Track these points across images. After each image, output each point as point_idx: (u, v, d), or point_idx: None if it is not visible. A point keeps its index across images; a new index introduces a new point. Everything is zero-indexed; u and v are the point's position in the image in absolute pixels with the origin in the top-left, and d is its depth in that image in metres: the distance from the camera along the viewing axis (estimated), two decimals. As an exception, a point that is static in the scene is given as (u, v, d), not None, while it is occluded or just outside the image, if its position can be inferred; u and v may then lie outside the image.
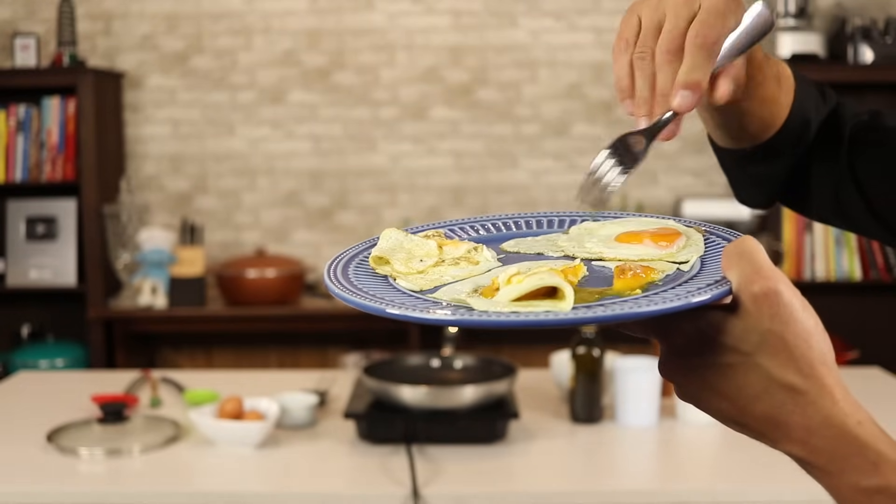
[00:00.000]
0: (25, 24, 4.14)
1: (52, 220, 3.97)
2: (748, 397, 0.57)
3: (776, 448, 0.59)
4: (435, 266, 0.69)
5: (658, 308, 0.55)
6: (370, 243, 0.74)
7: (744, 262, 0.57)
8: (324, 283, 0.68)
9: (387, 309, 0.60)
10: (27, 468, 1.92)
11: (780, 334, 0.56)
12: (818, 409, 0.56)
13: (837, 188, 0.89)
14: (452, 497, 1.79)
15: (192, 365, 4.16)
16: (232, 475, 1.92)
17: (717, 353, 0.58)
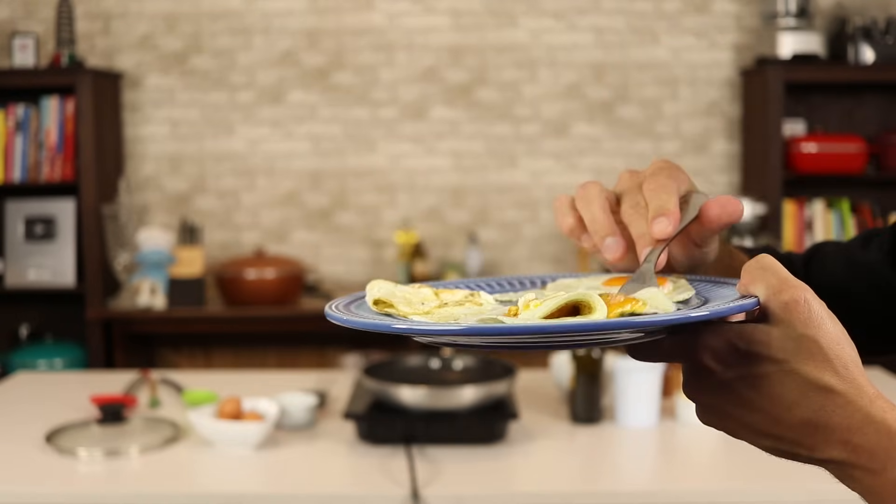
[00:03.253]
0: (24, 23, 4.13)
1: (51, 221, 3.96)
2: (785, 405, 0.58)
3: (813, 456, 0.59)
4: (439, 308, 0.68)
5: (689, 315, 0.56)
6: (359, 295, 0.73)
7: (768, 275, 0.59)
8: (329, 318, 0.66)
9: (428, 327, 0.59)
10: (26, 469, 1.92)
11: (814, 338, 0.57)
12: (858, 408, 0.57)
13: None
14: (452, 497, 1.78)
15: (191, 365, 4.16)
16: (231, 476, 1.92)
17: (750, 364, 0.58)
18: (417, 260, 3.97)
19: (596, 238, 0.74)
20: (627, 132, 4.17)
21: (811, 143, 3.84)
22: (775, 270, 0.59)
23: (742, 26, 4.13)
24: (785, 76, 3.75)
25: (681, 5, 4.14)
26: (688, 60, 4.16)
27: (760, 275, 0.60)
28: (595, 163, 4.16)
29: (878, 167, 3.95)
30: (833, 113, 4.08)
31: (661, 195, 0.72)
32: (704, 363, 0.60)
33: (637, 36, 4.14)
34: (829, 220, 3.94)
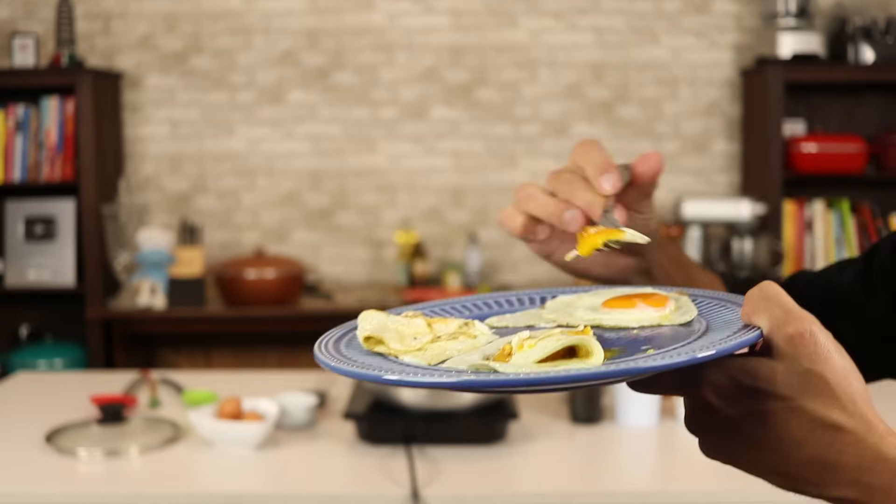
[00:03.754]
0: (24, 23, 4.13)
1: (51, 221, 3.96)
2: (792, 443, 0.56)
3: (823, 494, 0.57)
4: (432, 342, 0.67)
5: (695, 356, 0.54)
6: (351, 326, 0.72)
7: (772, 306, 0.57)
8: (319, 362, 0.64)
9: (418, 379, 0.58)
10: (26, 469, 1.92)
11: (820, 373, 0.55)
12: (868, 446, 0.55)
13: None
14: (452, 497, 1.78)
15: (191, 365, 4.16)
16: (231, 476, 1.92)
17: (755, 400, 0.56)
18: (417, 260, 3.97)
19: (553, 219, 0.76)
20: (627, 132, 4.17)
21: (811, 143, 3.84)
22: (779, 301, 0.57)
23: (742, 26, 4.13)
24: (785, 76, 3.75)
25: (681, 5, 4.14)
26: (688, 60, 4.16)
27: (764, 305, 0.58)
28: (595, 163, 4.16)
29: (878, 167, 3.95)
30: (833, 113, 4.08)
31: (593, 156, 0.75)
32: (706, 399, 0.58)
33: (637, 36, 4.14)
34: (829, 220, 3.94)
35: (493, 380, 0.56)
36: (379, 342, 0.66)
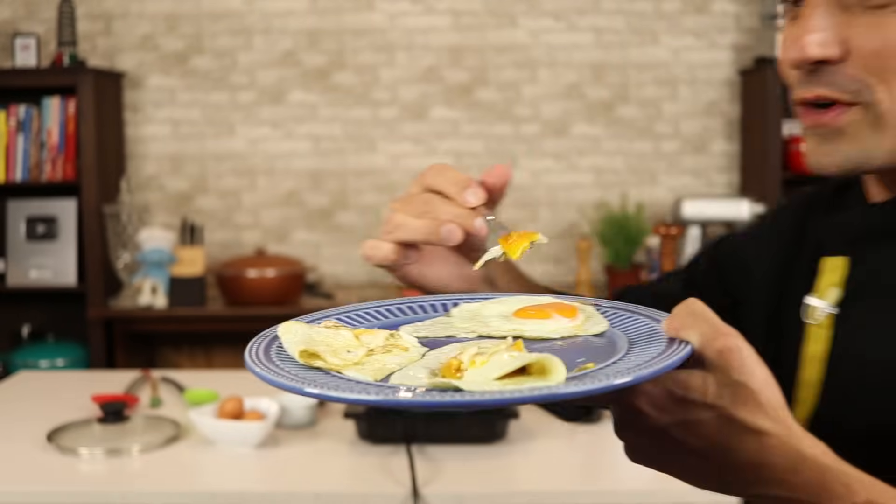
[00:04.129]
0: (26, 24, 4.14)
1: (53, 220, 3.97)
2: (722, 449, 0.61)
3: (753, 493, 0.63)
4: (368, 356, 0.67)
5: (647, 372, 0.57)
6: (270, 335, 0.72)
7: (700, 322, 0.62)
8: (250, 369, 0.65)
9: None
10: (27, 468, 1.92)
11: (747, 384, 0.60)
12: (791, 447, 0.61)
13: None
14: (452, 497, 1.79)
15: (193, 365, 4.17)
16: (232, 475, 1.93)
17: (687, 410, 0.61)
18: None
19: (432, 238, 0.81)
20: (627, 132, 4.18)
21: (810, 143, 3.85)
22: (706, 317, 0.62)
23: (741, 27, 4.14)
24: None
25: (680, 5, 4.14)
26: (687, 60, 4.17)
27: (692, 321, 0.62)
28: (595, 163, 4.17)
29: (877, 167, 3.95)
30: (832, 113, 4.08)
31: (449, 175, 0.82)
32: (639, 408, 0.62)
33: (637, 36, 4.15)
34: (828, 219, 3.94)
35: (466, 400, 0.57)
36: (314, 356, 0.65)
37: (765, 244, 0.97)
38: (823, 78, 0.76)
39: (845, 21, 0.74)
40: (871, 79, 0.74)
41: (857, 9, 0.73)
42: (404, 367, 0.66)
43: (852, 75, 0.75)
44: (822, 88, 0.76)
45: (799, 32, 0.75)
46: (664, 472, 0.66)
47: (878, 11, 0.73)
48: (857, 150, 0.77)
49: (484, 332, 0.75)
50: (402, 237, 0.84)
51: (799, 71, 0.77)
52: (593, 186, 4.17)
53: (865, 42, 0.73)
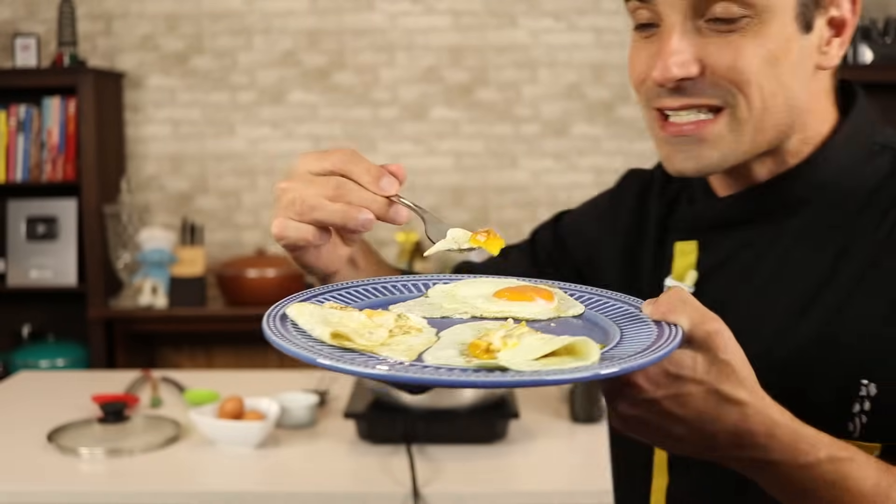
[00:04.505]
0: (26, 24, 4.14)
1: (53, 220, 3.97)
2: (709, 419, 0.70)
3: (734, 456, 0.73)
4: (392, 337, 0.71)
5: (657, 355, 0.65)
6: (275, 313, 0.74)
7: (688, 308, 0.71)
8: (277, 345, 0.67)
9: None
10: (28, 468, 1.93)
11: (729, 362, 0.70)
12: (766, 415, 0.71)
13: None
14: (452, 497, 1.79)
15: (193, 365, 4.17)
16: (232, 475, 1.93)
17: (678, 385, 0.69)
18: (417, 260, 3.98)
19: (350, 223, 0.81)
20: (627, 132, 4.18)
21: (810, 143, 3.85)
22: (693, 303, 0.71)
23: (742, 26, 4.14)
24: (784, 76, 3.76)
25: (681, 5, 4.14)
26: (688, 60, 4.16)
27: (681, 307, 0.71)
28: (595, 163, 4.17)
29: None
30: (832, 113, 4.08)
31: (363, 164, 0.82)
32: (635, 381, 0.69)
33: (637, 36, 4.15)
34: (828, 219, 3.94)
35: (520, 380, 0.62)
36: (344, 338, 0.68)
37: (608, 224, 1.09)
38: (686, 91, 0.86)
39: (700, 42, 0.84)
40: (731, 89, 0.84)
41: (708, 31, 0.84)
42: (428, 347, 0.70)
43: (712, 86, 0.85)
44: (686, 99, 0.86)
45: (660, 54, 0.85)
46: (649, 440, 0.73)
47: (727, 34, 0.83)
48: (717, 155, 0.87)
49: (475, 312, 0.80)
50: (320, 218, 0.82)
51: (661, 87, 0.86)
52: (593, 186, 4.17)
53: (718, 59, 0.84)
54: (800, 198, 0.91)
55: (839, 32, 0.89)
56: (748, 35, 0.83)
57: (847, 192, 0.90)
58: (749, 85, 0.84)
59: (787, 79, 0.85)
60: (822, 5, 0.86)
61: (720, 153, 0.87)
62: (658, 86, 0.86)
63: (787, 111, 0.87)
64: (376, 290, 0.86)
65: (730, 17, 0.83)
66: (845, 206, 0.90)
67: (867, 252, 0.86)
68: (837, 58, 0.89)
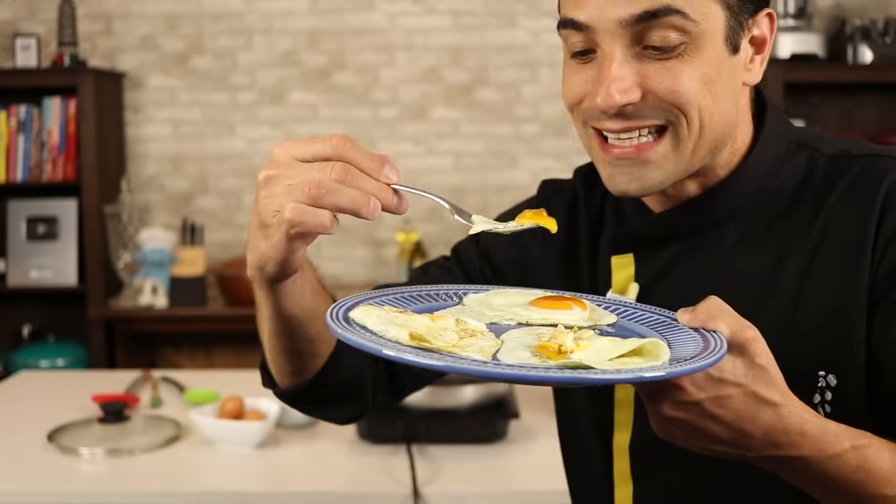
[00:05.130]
0: (26, 24, 4.14)
1: (53, 220, 3.97)
2: (747, 419, 0.74)
3: (768, 455, 0.77)
4: (461, 339, 0.74)
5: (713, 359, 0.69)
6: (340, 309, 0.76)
7: (726, 315, 0.75)
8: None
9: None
10: (28, 468, 1.93)
11: (765, 367, 0.75)
12: (797, 414, 0.76)
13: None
14: (452, 497, 1.80)
15: (193, 365, 4.17)
16: (232, 475, 1.93)
17: (719, 387, 0.73)
18: (417, 260, 3.98)
19: (363, 210, 0.78)
20: (627, 132, 4.18)
21: (810, 144, 3.85)
22: (730, 311, 0.75)
23: (742, 27, 4.14)
24: (784, 76, 3.76)
25: (681, 6, 4.14)
26: (688, 61, 4.17)
27: (720, 314, 0.75)
28: (595, 163, 4.17)
29: (877, 167, 3.95)
30: (832, 113, 4.08)
31: (362, 150, 0.81)
32: (680, 384, 0.73)
33: (637, 36, 4.15)
34: (828, 219, 3.94)
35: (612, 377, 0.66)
36: (422, 339, 0.71)
37: (538, 240, 1.11)
38: (628, 115, 0.88)
39: (639, 68, 0.87)
40: (673, 110, 0.88)
41: (646, 57, 0.87)
42: (498, 349, 0.73)
43: (653, 108, 0.88)
44: (629, 122, 0.89)
45: (601, 82, 0.87)
46: (686, 441, 0.77)
47: (664, 57, 0.86)
48: (659, 176, 0.91)
49: (521, 319, 0.83)
50: (337, 203, 0.78)
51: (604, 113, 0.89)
52: (593, 186, 4.17)
53: (659, 84, 0.87)
54: (733, 206, 0.95)
55: (760, 50, 0.93)
56: (685, 59, 0.86)
57: (773, 193, 0.95)
58: (689, 106, 0.87)
59: (721, 97, 0.89)
60: (745, 27, 0.90)
61: (663, 173, 0.91)
62: (601, 112, 0.89)
63: (722, 128, 0.91)
64: (415, 298, 0.87)
65: (667, 45, 0.86)
66: (775, 208, 0.95)
67: (807, 252, 0.91)
68: (759, 74, 0.94)
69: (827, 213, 0.92)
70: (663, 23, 0.85)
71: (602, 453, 1.03)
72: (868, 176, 0.91)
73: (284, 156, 0.80)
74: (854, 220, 0.90)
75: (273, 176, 0.79)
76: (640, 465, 1.00)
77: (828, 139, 0.98)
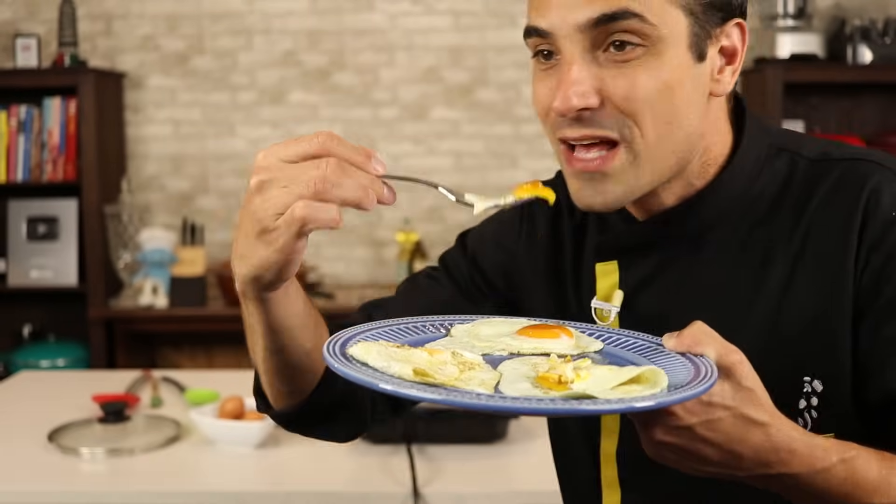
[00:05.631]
0: (26, 24, 4.14)
1: (54, 221, 3.97)
2: (737, 440, 0.76)
3: (759, 473, 0.78)
4: (462, 373, 0.75)
5: (707, 385, 0.71)
6: (336, 344, 0.78)
7: (712, 340, 0.77)
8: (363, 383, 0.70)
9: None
10: (28, 468, 1.93)
11: (752, 388, 0.76)
12: (787, 432, 0.78)
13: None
14: (452, 497, 1.80)
15: (193, 365, 4.17)
16: (233, 474, 1.93)
17: (710, 412, 0.75)
18: (418, 259, 3.98)
19: (364, 202, 0.79)
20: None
21: (810, 144, 3.85)
22: (715, 336, 0.77)
23: (741, 27, 4.14)
24: (784, 76, 3.76)
25: (680, 6, 4.14)
26: (687, 61, 4.17)
27: (706, 339, 0.77)
28: (595, 163, 4.17)
29: (876, 167, 3.95)
30: (832, 113, 4.08)
31: (348, 145, 0.80)
32: (673, 410, 0.74)
33: (637, 36, 4.15)
34: (828, 219, 3.94)
35: (612, 407, 0.68)
36: (425, 374, 0.72)
37: (524, 247, 1.09)
38: (586, 122, 0.87)
39: (598, 73, 0.86)
40: (627, 121, 0.87)
41: (606, 62, 0.86)
42: (498, 381, 0.75)
43: (610, 117, 0.87)
44: (586, 130, 0.88)
45: (560, 85, 0.87)
46: (679, 463, 0.78)
47: (623, 64, 0.86)
48: (621, 189, 0.90)
49: (511, 349, 0.85)
50: (343, 196, 0.79)
51: (563, 117, 0.88)
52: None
53: (616, 90, 0.86)
54: (714, 214, 0.95)
55: (731, 61, 0.94)
56: (643, 65, 0.86)
57: (754, 199, 0.95)
58: (644, 115, 0.86)
59: (682, 107, 0.88)
60: (713, 36, 0.90)
61: (624, 187, 0.90)
62: (559, 116, 0.88)
63: (685, 138, 0.90)
64: (402, 331, 0.88)
65: (625, 49, 0.85)
66: (756, 213, 0.94)
67: (789, 258, 0.91)
68: (730, 85, 0.93)
69: (809, 219, 0.91)
70: (621, 26, 0.84)
71: (590, 460, 1.03)
72: (849, 181, 0.91)
73: (271, 159, 0.80)
74: (836, 226, 0.90)
75: (266, 180, 0.80)
76: (628, 472, 1.00)
77: (808, 141, 0.97)
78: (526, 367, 0.78)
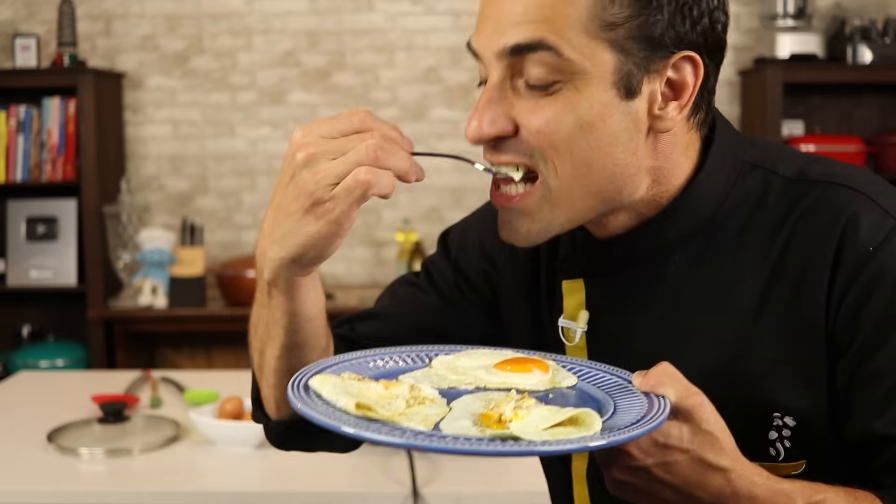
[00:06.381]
0: (26, 24, 4.14)
1: (53, 221, 3.97)
2: (694, 484, 0.76)
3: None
4: (409, 407, 0.76)
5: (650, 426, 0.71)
6: (299, 381, 0.79)
7: (674, 381, 0.76)
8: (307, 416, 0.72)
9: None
10: (27, 468, 1.93)
11: (712, 432, 0.75)
12: (746, 479, 0.77)
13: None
14: (452, 497, 1.80)
15: (193, 365, 4.17)
16: (232, 475, 1.93)
17: (666, 453, 0.75)
18: (417, 260, 3.98)
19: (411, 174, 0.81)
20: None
21: (810, 144, 3.85)
22: (678, 377, 0.76)
23: (741, 27, 4.14)
24: (783, 77, 3.76)
25: (680, 6, 4.14)
26: (687, 61, 4.16)
27: (669, 380, 0.76)
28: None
29: (876, 168, 3.96)
30: (831, 113, 4.08)
31: (385, 123, 0.82)
32: (627, 450, 0.75)
33: (636, 36, 4.15)
34: (827, 220, 3.94)
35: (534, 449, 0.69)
36: (368, 409, 0.73)
37: (507, 256, 1.07)
38: (503, 148, 0.86)
39: (515, 102, 0.84)
40: (538, 153, 0.84)
41: (526, 92, 0.84)
42: (443, 417, 0.75)
43: (527, 146, 0.85)
44: (504, 156, 0.86)
45: (476, 110, 0.86)
46: (639, 502, 0.79)
47: (538, 94, 0.83)
48: (537, 226, 0.88)
49: (479, 384, 0.85)
50: (397, 165, 0.79)
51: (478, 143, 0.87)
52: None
53: (528, 120, 0.84)
54: (676, 235, 0.91)
55: (677, 95, 0.85)
56: (559, 100, 0.82)
57: (725, 218, 0.90)
58: (556, 150, 0.83)
59: (605, 145, 0.84)
60: (653, 70, 0.83)
61: (540, 224, 0.88)
62: (474, 143, 0.87)
63: (608, 178, 0.85)
64: (384, 361, 0.90)
65: (539, 81, 0.82)
66: (727, 234, 0.90)
67: (759, 286, 0.88)
68: (676, 120, 0.86)
69: (782, 246, 0.87)
70: (536, 58, 0.81)
71: (565, 479, 1.04)
72: (824, 208, 0.87)
73: (312, 136, 0.80)
74: (809, 256, 0.86)
75: (315, 153, 0.79)
76: (597, 492, 0.99)
77: (784, 155, 0.93)
78: (479, 403, 0.78)
